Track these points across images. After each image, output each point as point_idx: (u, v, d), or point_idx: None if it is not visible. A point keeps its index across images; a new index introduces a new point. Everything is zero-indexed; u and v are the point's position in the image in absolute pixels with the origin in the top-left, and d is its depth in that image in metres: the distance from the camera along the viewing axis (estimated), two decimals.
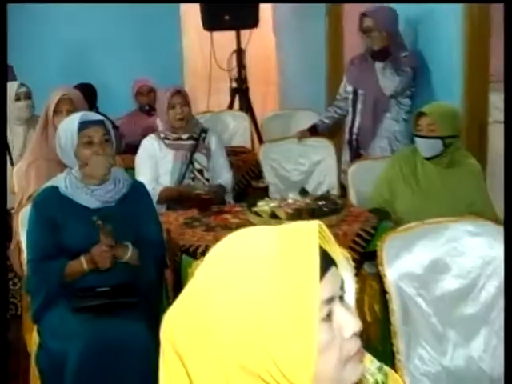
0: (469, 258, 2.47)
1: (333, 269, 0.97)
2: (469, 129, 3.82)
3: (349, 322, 0.96)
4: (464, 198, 3.22)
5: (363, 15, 4.02)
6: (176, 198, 3.54)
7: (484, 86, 3.82)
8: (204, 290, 0.95)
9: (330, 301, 0.94)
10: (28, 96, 4.00)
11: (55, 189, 2.62)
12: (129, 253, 2.59)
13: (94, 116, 2.75)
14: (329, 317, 0.94)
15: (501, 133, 4.04)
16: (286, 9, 6.18)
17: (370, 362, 1.16)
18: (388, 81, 3.95)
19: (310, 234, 0.94)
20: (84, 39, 5.73)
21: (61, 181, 2.64)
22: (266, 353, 0.90)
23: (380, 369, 1.16)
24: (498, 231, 2.54)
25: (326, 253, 0.98)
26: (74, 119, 2.63)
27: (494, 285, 2.45)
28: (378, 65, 3.98)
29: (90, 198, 2.60)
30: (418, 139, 3.29)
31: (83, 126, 2.58)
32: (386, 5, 4.13)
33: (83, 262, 2.53)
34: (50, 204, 2.58)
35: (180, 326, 0.97)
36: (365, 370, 1.12)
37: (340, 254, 1.02)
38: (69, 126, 2.63)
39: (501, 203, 3.86)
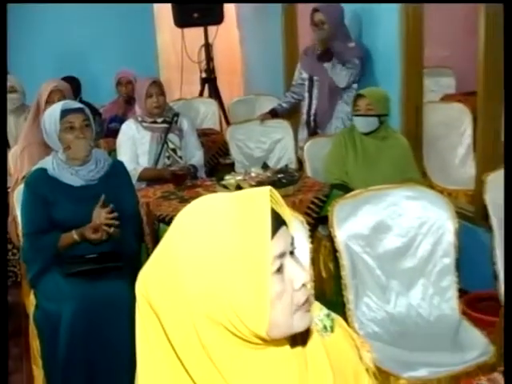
0: (407, 219, 2.50)
1: (283, 228, 0.97)
2: (407, 108, 3.84)
3: (298, 275, 0.96)
4: (397, 167, 3.25)
5: (315, 10, 3.98)
6: (153, 178, 3.52)
7: (419, 71, 3.83)
8: (173, 249, 0.95)
9: (281, 256, 0.94)
10: (12, 90, 3.98)
11: (44, 170, 2.59)
12: (112, 228, 2.57)
13: (74, 104, 2.71)
14: (280, 270, 0.94)
15: (433, 111, 4.11)
16: (248, 7, 6.16)
17: (319, 310, 1.17)
18: (339, 76, 3.92)
19: (262, 197, 0.93)
20: (72, 38, 5.63)
21: (48, 163, 2.62)
22: (227, 303, 0.90)
23: (328, 315, 1.16)
24: (432, 195, 2.57)
25: (277, 214, 0.97)
26: (57, 107, 2.60)
27: (430, 242, 2.49)
28: (327, 65, 3.96)
29: (74, 177, 2.58)
30: (357, 118, 3.32)
31: (65, 113, 2.56)
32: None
33: (74, 234, 2.51)
34: (40, 184, 2.55)
35: (152, 282, 0.96)
36: (314, 316, 1.13)
37: (290, 215, 1.01)
38: (52, 113, 2.60)
39: (434, 171, 3.94)
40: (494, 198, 2.54)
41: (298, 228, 2.26)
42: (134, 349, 1.01)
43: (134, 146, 3.61)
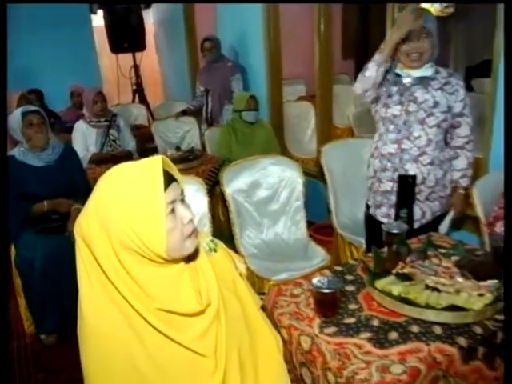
0: (272, 177, 2.54)
1: (174, 183, 0.96)
2: (273, 106, 3.89)
3: (185, 214, 0.96)
4: (264, 145, 3.25)
5: (206, 39, 3.91)
6: (100, 160, 3.37)
7: (279, 81, 3.87)
8: (98, 199, 0.94)
9: (172, 202, 0.95)
10: None
11: (12, 156, 2.42)
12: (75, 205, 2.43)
13: (31, 108, 2.54)
14: (173, 211, 0.95)
15: (290, 107, 4.18)
16: (162, 38, 5.96)
17: (207, 237, 1.18)
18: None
19: (157, 162, 0.93)
20: (34, 61, 5.18)
21: (16, 151, 2.45)
22: (136, 234, 0.90)
23: (212, 241, 1.17)
24: (288, 161, 2.60)
25: (170, 174, 0.97)
26: (19, 110, 2.45)
27: (287, 191, 2.54)
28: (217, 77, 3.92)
29: (36, 160, 2.43)
30: (250, 112, 3.22)
31: (25, 114, 2.41)
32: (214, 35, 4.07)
33: (45, 206, 2.39)
34: (10, 166, 2.37)
35: (85, 223, 0.95)
36: (203, 242, 1.15)
37: (179, 175, 1.01)
38: (15, 114, 2.44)
39: (292, 146, 4.04)
40: (326, 161, 2.62)
41: (199, 188, 2.26)
42: None
43: (85, 138, 3.42)
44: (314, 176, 3.24)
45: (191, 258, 1.05)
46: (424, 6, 4.78)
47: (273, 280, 2.18)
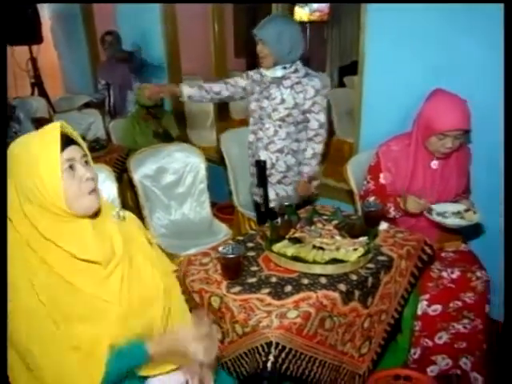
0: (177, 163, 2.51)
1: (74, 146, 0.99)
2: (174, 100, 3.73)
3: (85, 173, 0.99)
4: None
5: (107, 33, 3.70)
6: None
7: (179, 77, 3.81)
8: (9, 165, 0.97)
9: (70, 160, 0.97)
10: None
11: None
12: None
13: None
14: (71, 168, 0.97)
15: (192, 102, 4.11)
16: (60, 32, 5.46)
17: (114, 209, 1.16)
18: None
19: (54, 126, 0.98)
20: None
21: None
22: (37, 188, 0.94)
23: (119, 211, 1.15)
24: (191, 148, 2.58)
25: (70, 138, 1.00)
26: None
27: (192, 176, 2.53)
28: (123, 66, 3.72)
29: None
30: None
31: None
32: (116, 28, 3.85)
33: None
34: None
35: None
36: (112, 211, 1.13)
37: (81, 141, 1.05)
38: None
39: (194, 136, 4.01)
40: (225, 147, 2.64)
41: (108, 175, 2.13)
42: None
43: None
44: (215, 162, 3.27)
45: (100, 222, 1.06)
46: (296, 11, 5.11)
47: (182, 256, 2.15)
